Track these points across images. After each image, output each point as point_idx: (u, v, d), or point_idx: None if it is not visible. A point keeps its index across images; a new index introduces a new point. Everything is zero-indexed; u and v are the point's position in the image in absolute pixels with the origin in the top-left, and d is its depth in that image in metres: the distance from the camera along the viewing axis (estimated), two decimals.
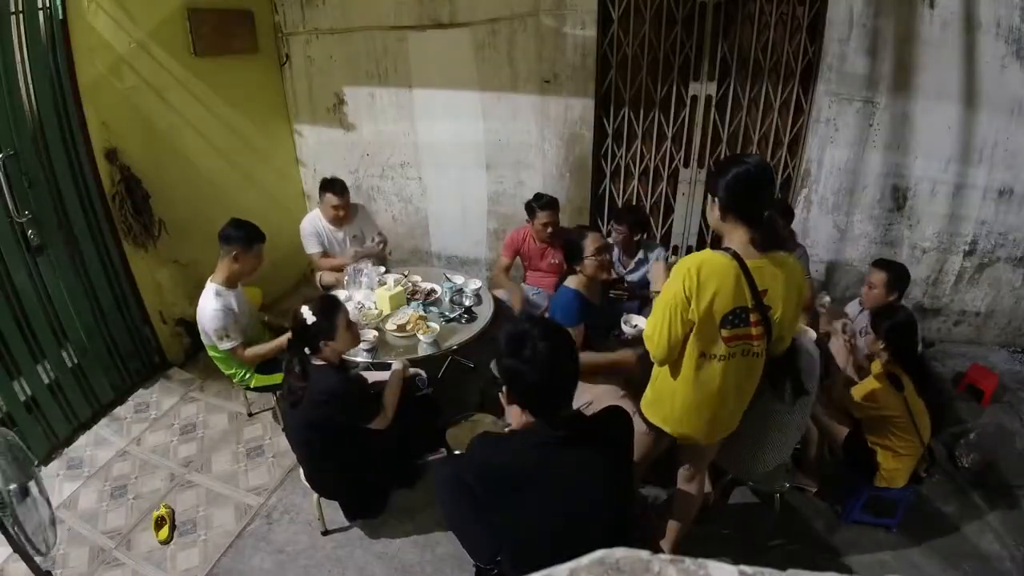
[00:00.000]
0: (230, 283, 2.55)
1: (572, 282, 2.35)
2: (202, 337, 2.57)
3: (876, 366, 2.23)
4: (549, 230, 3.10)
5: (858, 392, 2.19)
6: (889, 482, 2.20)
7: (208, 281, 2.53)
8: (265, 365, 2.64)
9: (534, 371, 1.30)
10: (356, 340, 2.18)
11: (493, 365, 1.55)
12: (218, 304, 2.45)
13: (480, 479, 1.45)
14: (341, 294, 2.86)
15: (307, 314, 1.98)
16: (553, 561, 1.15)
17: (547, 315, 2.79)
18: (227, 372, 2.68)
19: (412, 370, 2.43)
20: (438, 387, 3.06)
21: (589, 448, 1.39)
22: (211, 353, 2.64)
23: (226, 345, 2.48)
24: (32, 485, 1.60)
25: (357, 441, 2.08)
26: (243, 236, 2.51)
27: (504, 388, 1.40)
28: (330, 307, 2.03)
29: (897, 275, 2.53)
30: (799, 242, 3.11)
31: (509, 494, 1.40)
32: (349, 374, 2.08)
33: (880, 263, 2.63)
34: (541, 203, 3.09)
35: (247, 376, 2.65)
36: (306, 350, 2.02)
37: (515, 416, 1.42)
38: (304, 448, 2.11)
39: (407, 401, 2.26)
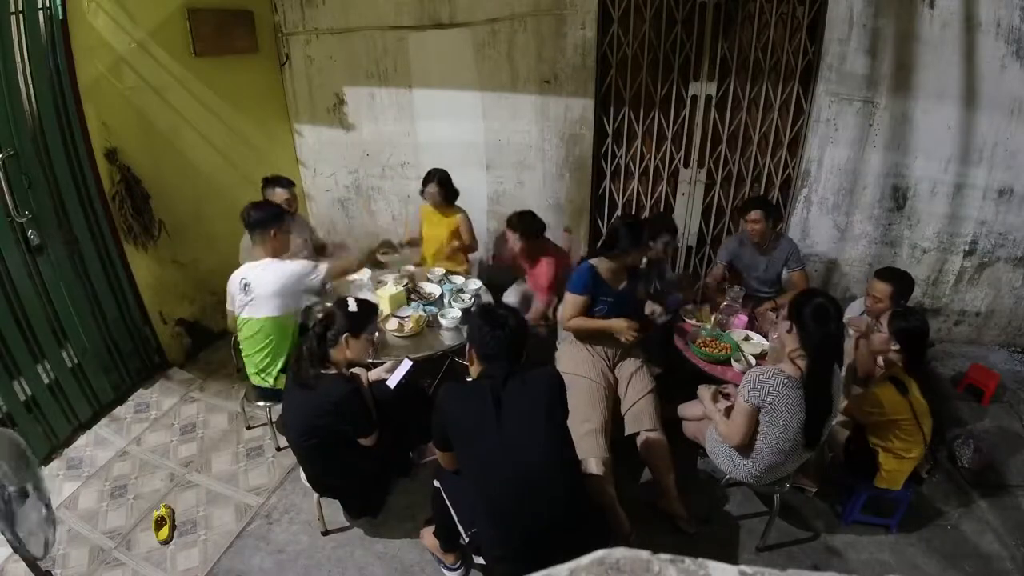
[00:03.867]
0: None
1: (595, 259, 2.54)
2: (279, 309, 2.41)
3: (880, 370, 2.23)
4: (514, 250, 3.00)
5: (863, 399, 2.18)
6: (889, 483, 2.20)
7: (256, 262, 2.45)
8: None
9: (495, 331, 1.75)
10: (367, 354, 2.21)
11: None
12: (278, 261, 2.43)
13: (452, 415, 1.74)
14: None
15: (351, 303, 2.08)
16: (521, 498, 1.60)
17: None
18: (260, 367, 2.52)
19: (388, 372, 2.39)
20: (437, 388, 3.07)
21: (529, 385, 1.73)
22: (278, 337, 2.47)
23: (321, 268, 2.44)
24: (30, 487, 1.60)
25: (356, 441, 2.09)
26: (272, 214, 2.47)
27: (468, 348, 1.85)
28: (370, 310, 2.15)
29: (902, 285, 2.47)
30: (783, 235, 3.23)
31: (474, 427, 1.69)
32: (356, 386, 2.09)
33: (883, 274, 2.54)
34: (511, 222, 3.01)
35: (277, 375, 2.52)
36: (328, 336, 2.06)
37: (474, 370, 1.84)
38: (304, 450, 2.12)
39: (401, 394, 2.26)
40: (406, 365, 2.30)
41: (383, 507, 2.31)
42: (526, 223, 3.00)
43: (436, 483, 1.98)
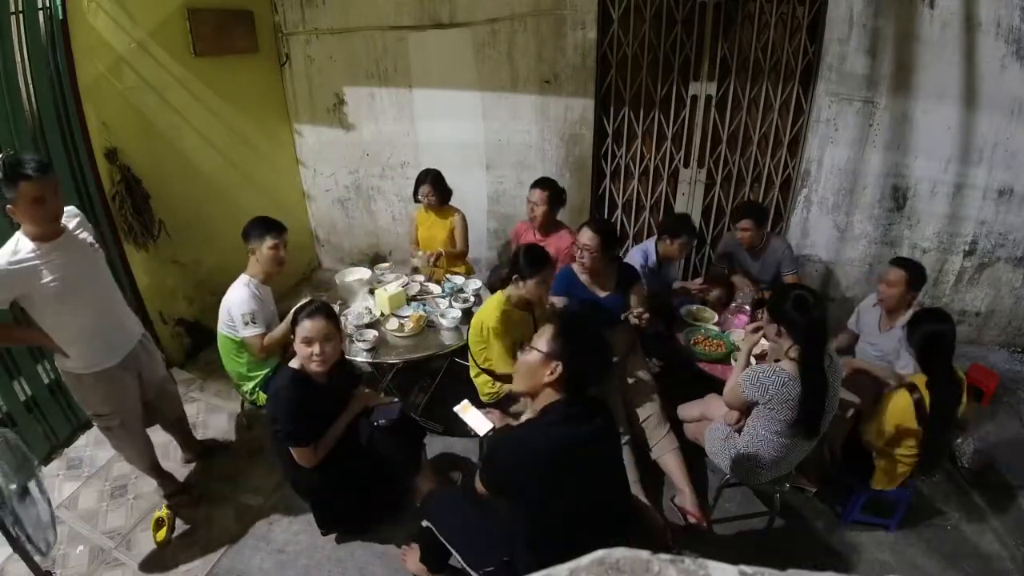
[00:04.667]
0: (261, 280, 2.49)
1: (575, 264, 2.61)
2: (222, 327, 2.48)
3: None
4: (534, 211, 3.06)
5: (878, 416, 2.13)
6: (886, 484, 2.19)
7: (242, 274, 2.49)
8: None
9: (589, 355, 1.48)
10: (312, 362, 1.99)
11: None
12: (247, 292, 2.41)
13: (519, 469, 1.50)
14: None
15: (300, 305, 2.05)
16: (574, 542, 1.07)
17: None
18: (238, 381, 2.60)
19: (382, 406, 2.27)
20: (436, 389, 3.07)
21: (600, 421, 1.53)
22: (227, 357, 2.53)
23: (249, 332, 2.38)
24: (32, 485, 1.60)
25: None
26: (253, 231, 2.45)
27: (544, 365, 1.51)
28: (304, 313, 1.99)
29: (915, 273, 2.48)
30: (774, 236, 3.21)
31: (545, 481, 1.46)
32: (305, 385, 1.97)
33: (899, 261, 2.56)
34: (539, 183, 3.09)
35: (256, 393, 2.55)
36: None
37: (542, 399, 1.53)
38: (273, 444, 2.15)
39: (376, 428, 2.16)
40: (394, 410, 2.18)
41: (361, 531, 2.30)
42: (552, 184, 3.08)
43: (426, 523, 1.85)
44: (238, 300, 2.40)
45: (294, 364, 2.02)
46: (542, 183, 3.06)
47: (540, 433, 1.51)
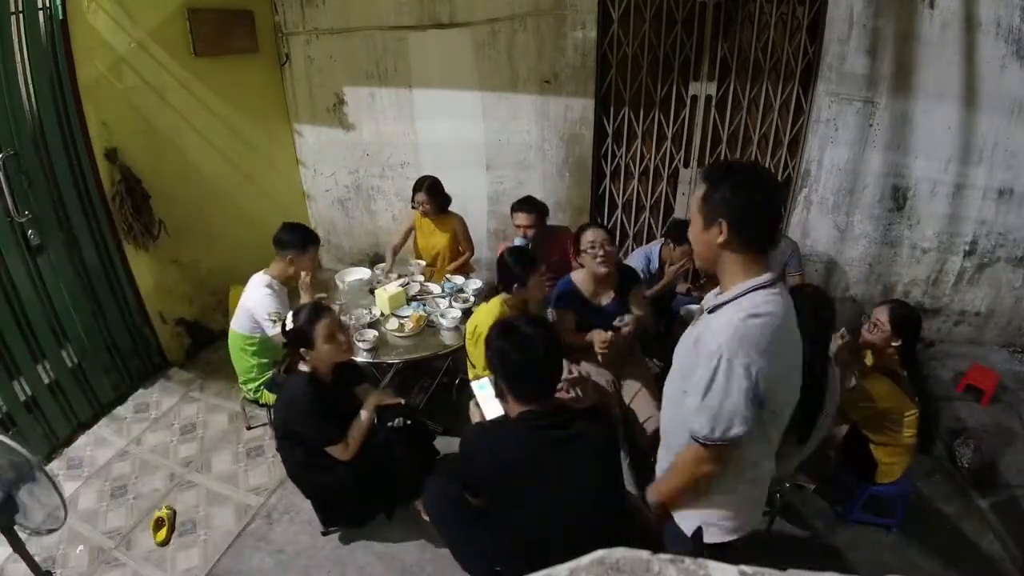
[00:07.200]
0: (282, 281, 2.57)
1: (574, 274, 2.52)
2: (238, 325, 2.50)
3: (869, 358, 2.24)
4: (528, 233, 3.01)
5: (853, 394, 2.17)
6: (889, 476, 2.20)
7: (260, 273, 2.54)
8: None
9: (522, 350, 1.50)
10: (343, 352, 2.12)
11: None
12: (271, 293, 2.47)
13: (484, 472, 1.53)
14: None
15: (289, 319, 2.03)
16: (558, 556, 1.09)
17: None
18: (243, 378, 2.61)
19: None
20: (436, 389, 3.07)
21: (580, 433, 1.51)
22: (237, 355, 2.55)
23: (276, 330, 2.39)
24: (38, 475, 1.59)
25: (322, 454, 2.06)
26: (297, 240, 2.53)
27: (498, 383, 1.60)
28: (310, 317, 2.01)
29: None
30: (783, 236, 3.21)
31: (513, 485, 1.49)
32: (320, 387, 2.03)
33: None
34: (516, 204, 3.04)
35: (260, 391, 2.58)
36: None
37: (514, 411, 1.58)
38: (278, 445, 2.17)
39: (390, 430, 2.21)
40: (404, 410, 2.31)
41: (361, 525, 2.30)
42: (537, 204, 3.04)
43: (427, 518, 1.91)
44: (263, 302, 2.45)
45: (304, 368, 2.05)
46: (528, 206, 3.00)
47: (507, 432, 1.58)
